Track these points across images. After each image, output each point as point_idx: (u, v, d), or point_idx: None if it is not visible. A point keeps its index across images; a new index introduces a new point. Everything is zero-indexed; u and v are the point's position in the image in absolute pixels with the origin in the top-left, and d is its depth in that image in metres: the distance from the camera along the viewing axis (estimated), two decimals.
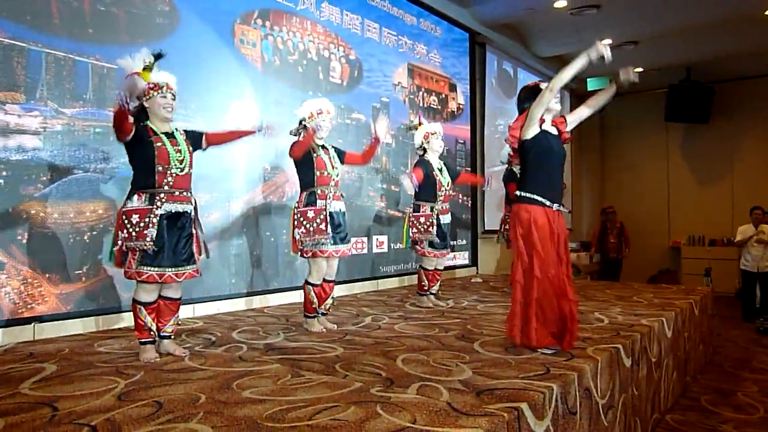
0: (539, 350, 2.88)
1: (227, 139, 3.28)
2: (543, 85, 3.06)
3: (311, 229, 3.41)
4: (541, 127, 3.01)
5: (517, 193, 3.04)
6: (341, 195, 3.63)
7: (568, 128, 3.17)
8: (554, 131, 3.09)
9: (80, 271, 3.50)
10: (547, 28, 8.01)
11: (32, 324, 3.29)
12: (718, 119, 10.05)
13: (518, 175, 3.31)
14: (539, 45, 8.55)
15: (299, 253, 3.53)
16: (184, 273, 2.82)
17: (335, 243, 3.51)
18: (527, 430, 2.06)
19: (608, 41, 8.22)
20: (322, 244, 3.44)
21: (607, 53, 2.82)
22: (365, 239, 5.65)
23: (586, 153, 11.31)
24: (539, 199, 2.94)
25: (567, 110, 10.25)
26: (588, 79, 10.60)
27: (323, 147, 3.61)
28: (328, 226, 3.43)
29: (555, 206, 2.97)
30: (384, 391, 2.24)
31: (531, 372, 2.52)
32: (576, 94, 10.64)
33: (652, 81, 10.20)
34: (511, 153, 3.18)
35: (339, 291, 5.20)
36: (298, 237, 3.44)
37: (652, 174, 10.90)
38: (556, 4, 6.90)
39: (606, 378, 2.81)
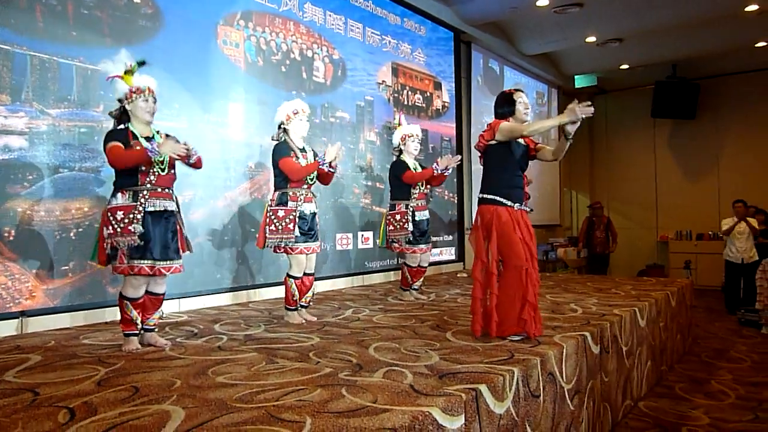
0: (507, 338, 3.00)
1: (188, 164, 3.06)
2: (517, 95, 3.18)
3: (280, 227, 3.52)
4: None
5: (480, 195, 3.17)
6: (313, 195, 3.71)
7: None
8: (522, 141, 3.20)
9: (67, 267, 3.60)
10: (532, 26, 8.10)
11: (20, 318, 3.39)
12: (704, 115, 10.19)
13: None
14: (525, 43, 8.62)
15: (269, 248, 3.61)
16: (171, 267, 2.94)
17: (305, 241, 3.61)
18: (486, 410, 2.17)
19: (593, 38, 8.34)
20: (289, 241, 3.54)
21: (583, 114, 2.80)
22: (350, 235, 5.75)
23: (574, 149, 11.37)
24: (500, 199, 3.08)
25: (555, 110, 10.37)
26: (575, 77, 10.73)
27: (302, 150, 3.68)
28: (296, 226, 3.54)
29: (517, 206, 3.10)
30: (352, 375, 2.35)
31: (495, 357, 2.63)
32: (564, 91, 10.76)
33: (638, 77, 10.33)
34: (480, 156, 3.30)
35: (324, 286, 5.31)
36: (267, 234, 3.56)
37: (639, 170, 11.02)
38: (539, 3, 6.97)
39: (572, 364, 2.91)
